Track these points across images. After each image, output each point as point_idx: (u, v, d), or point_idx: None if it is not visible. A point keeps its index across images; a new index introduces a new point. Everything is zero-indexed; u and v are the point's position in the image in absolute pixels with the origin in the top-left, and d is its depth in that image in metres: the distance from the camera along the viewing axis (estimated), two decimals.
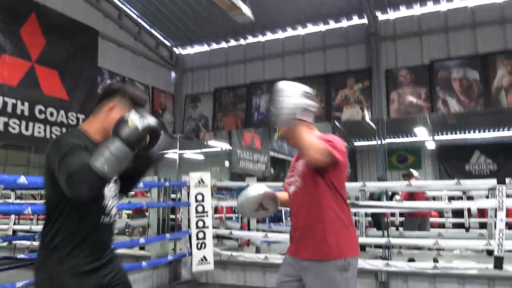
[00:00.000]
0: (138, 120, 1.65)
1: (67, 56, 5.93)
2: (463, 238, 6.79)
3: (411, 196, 6.81)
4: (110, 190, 1.89)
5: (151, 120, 1.70)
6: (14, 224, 8.12)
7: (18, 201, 8.47)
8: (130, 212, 9.05)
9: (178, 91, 8.28)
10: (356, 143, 16.81)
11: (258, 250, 6.95)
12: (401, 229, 7.60)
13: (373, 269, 5.38)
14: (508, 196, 4.78)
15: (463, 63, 6.09)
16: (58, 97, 5.80)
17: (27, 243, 6.71)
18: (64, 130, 5.78)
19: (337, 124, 14.42)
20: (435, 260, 5.21)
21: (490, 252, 5.34)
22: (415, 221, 7.21)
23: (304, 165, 2.28)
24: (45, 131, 5.55)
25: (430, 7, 6.41)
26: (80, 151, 1.67)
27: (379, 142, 6.54)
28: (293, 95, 2.13)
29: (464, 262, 5.16)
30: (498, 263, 4.65)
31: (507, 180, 4.77)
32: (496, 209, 4.76)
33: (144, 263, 5.53)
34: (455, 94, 6.05)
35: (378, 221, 7.88)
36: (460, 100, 6.01)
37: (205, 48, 8.23)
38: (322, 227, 2.18)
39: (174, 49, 8.33)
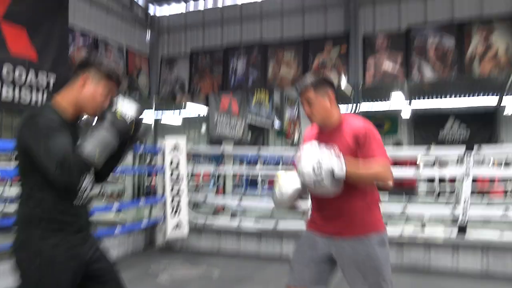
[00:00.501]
0: (126, 112, 1.69)
1: (36, 13, 5.64)
2: (432, 205, 6.95)
3: (396, 164, 6.78)
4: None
5: (137, 111, 1.73)
6: None
7: None
8: None
9: (153, 52, 8.09)
10: None
11: (234, 215, 7.01)
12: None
13: None
14: (478, 162, 4.84)
15: (439, 29, 6.09)
16: (27, 55, 5.58)
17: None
18: (34, 92, 5.61)
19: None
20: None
21: (454, 220, 5.49)
22: (400, 191, 7.15)
23: (340, 147, 2.16)
24: (13, 92, 5.37)
25: None
26: (60, 134, 1.65)
27: (354, 108, 6.58)
28: (316, 158, 2.02)
29: (432, 229, 5.27)
30: (462, 230, 4.79)
31: (475, 147, 4.84)
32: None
33: (117, 230, 5.51)
34: (429, 61, 6.08)
35: None
36: (434, 67, 6.05)
37: (182, 6, 7.98)
38: (357, 206, 2.18)
39: (150, 6, 8.05)
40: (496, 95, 14.14)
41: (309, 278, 2.28)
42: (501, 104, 14.42)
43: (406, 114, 16.23)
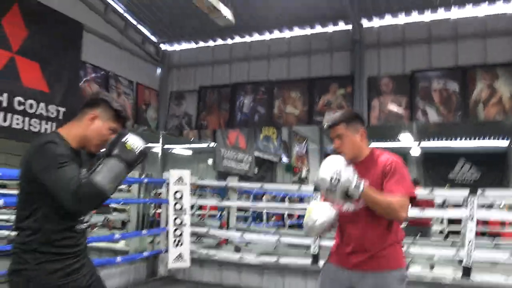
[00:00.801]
0: (136, 145, 1.77)
1: (50, 48, 5.89)
2: (440, 246, 6.83)
3: (415, 203, 6.67)
4: None
5: (143, 144, 1.81)
6: None
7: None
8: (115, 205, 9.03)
9: (163, 87, 8.27)
10: None
11: (237, 250, 6.96)
12: None
13: None
14: (486, 206, 4.80)
15: (444, 74, 6.16)
16: (39, 89, 5.76)
17: (6, 232, 6.67)
18: (43, 122, 5.76)
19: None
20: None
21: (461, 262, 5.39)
22: (417, 230, 7.06)
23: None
24: (23, 122, 5.52)
25: (414, 17, 6.48)
26: (70, 163, 1.70)
27: None
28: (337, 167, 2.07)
29: (437, 270, 5.20)
30: (466, 272, 4.71)
31: (479, 191, 4.83)
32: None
33: (118, 258, 5.53)
34: (434, 105, 6.12)
35: None
36: (439, 111, 6.08)
37: (191, 45, 8.22)
38: (382, 242, 2.21)
39: (161, 45, 8.31)
40: (505, 139, 14.04)
41: None
42: None
43: (415, 155, 16.15)
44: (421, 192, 6.36)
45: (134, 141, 1.76)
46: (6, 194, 6.26)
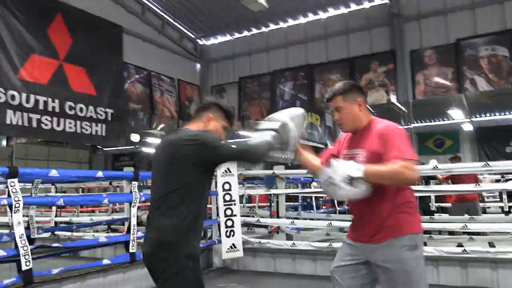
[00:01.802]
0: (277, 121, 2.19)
1: (94, 53, 6.14)
2: (501, 221, 6.52)
3: (454, 179, 6.48)
4: None
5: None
6: (56, 216, 8.51)
7: (59, 194, 8.88)
8: None
9: (203, 82, 8.41)
10: None
11: (289, 238, 6.98)
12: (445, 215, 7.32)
13: None
14: None
15: (491, 40, 5.85)
16: (87, 93, 6.03)
17: (68, 233, 7.06)
18: (93, 124, 6.02)
19: (370, 109, 14.19)
20: (460, 245, 5.06)
21: None
22: (463, 206, 6.84)
23: (365, 156, 2.20)
24: (75, 126, 5.80)
25: None
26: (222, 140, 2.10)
27: (405, 126, 6.42)
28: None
29: (499, 247, 4.97)
30: None
31: None
32: None
33: None
34: (483, 73, 5.83)
35: (425, 206, 7.72)
36: (489, 79, 5.79)
37: (228, 38, 8.29)
38: (385, 210, 2.16)
39: (198, 40, 8.44)
40: None
41: (351, 286, 2.28)
42: None
43: (467, 131, 15.45)
44: (474, 166, 6.10)
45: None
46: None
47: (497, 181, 7.31)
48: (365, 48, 6.82)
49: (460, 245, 5.26)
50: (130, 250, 4.56)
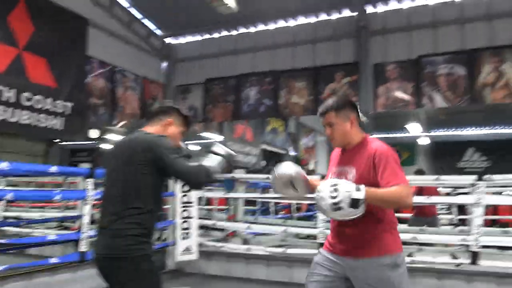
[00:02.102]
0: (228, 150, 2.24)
1: (56, 44, 5.94)
2: (447, 234, 6.76)
3: (419, 192, 6.65)
4: None
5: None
6: (5, 211, 8.14)
7: (9, 188, 8.51)
8: None
9: (169, 81, 8.30)
10: None
11: (245, 242, 6.97)
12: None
13: None
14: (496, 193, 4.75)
15: (450, 58, 6.10)
16: (46, 84, 5.82)
17: (16, 229, 6.77)
18: (51, 117, 5.81)
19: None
20: (410, 255, 5.23)
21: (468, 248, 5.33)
22: (423, 221, 6.99)
23: (354, 175, 2.22)
24: (31, 118, 5.58)
25: (419, 1, 6.41)
26: (179, 153, 2.11)
27: None
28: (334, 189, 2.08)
29: (443, 257, 5.17)
30: (474, 257, 4.67)
31: (486, 176, 4.77)
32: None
33: None
34: (440, 90, 6.07)
35: None
36: (445, 96, 6.03)
37: (196, 38, 8.23)
38: (370, 227, 2.17)
39: (166, 39, 8.33)
40: None
41: None
42: None
43: (423, 144, 16.04)
44: (427, 179, 6.31)
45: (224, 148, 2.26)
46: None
47: (447, 194, 7.59)
48: (331, 58, 6.95)
49: (409, 255, 5.44)
50: (80, 249, 4.43)
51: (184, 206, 5.85)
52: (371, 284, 2.14)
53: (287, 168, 2.34)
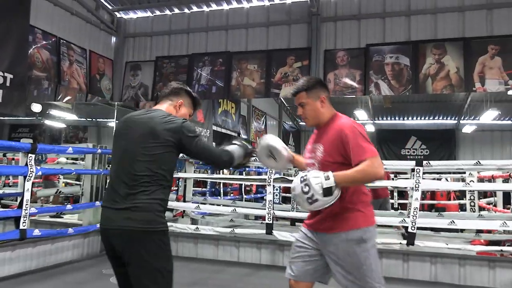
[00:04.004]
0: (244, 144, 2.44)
1: None
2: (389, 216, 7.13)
3: None
4: None
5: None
6: None
7: None
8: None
9: (118, 57, 8.04)
10: (302, 123, 17.18)
11: (194, 222, 6.99)
12: None
13: None
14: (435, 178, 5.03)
15: (396, 49, 6.35)
16: None
17: None
18: None
19: (284, 103, 14.65)
20: None
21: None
22: (378, 202, 7.29)
23: (322, 151, 2.30)
24: None
25: None
26: (202, 137, 2.25)
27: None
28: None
29: (384, 238, 5.44)
30: (411, 238, 4.96)
31: (425, 162, 5.05)
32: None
33: (70, 230, 5.45)
34: (386, 78, 6.31)
35: None
36: (391, 84, 6.28)
37: (148, 14, 8.00)
38: (340, 202, 2.21)
39: (116, 13, 8.04)
40: (453, 118, 14.73)
41: (305, 271, 2.36)
42: (459, 124, 15.01)
43: (370, 131, 16.61)
44: None
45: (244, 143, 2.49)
46: None
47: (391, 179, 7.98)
48: (283, 42, 7.01)
49: None
50: (21, 227, 4.29)
51: None
52: (340, 258, 2.24)
53: (269, 139, 2.51)
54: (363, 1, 6.68)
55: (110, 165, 2.31)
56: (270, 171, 5.37)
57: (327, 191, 2.10)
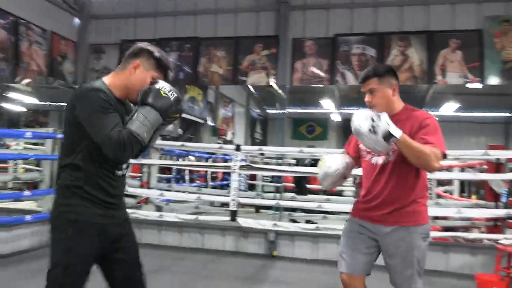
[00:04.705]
0: (168, 90, 1.83)
1: None
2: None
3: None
4: None
5: (177, 93, 1.87)
6: None
7: None
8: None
9: (81, 39, 7.76)
10: (269, 111, 17.24)
11: (158, 209, 6.93)
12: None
13: (263, 229, 5.68)
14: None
15: (363, 40, 6.43)
16: None
17: None
18: None
19: (252, 91, 14.63)
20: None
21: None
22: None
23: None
24: None
25: None
26: (111, 112, 1.79)
27: (281, 110, 6.78)
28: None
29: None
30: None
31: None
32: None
33: (28, 217, 5.30)
34: (352, 69, 6.40)
35: (299, 186, 8.34)
36: (357, 75, 6.37)
37: None
38: (408, 196, 2.22)
39: None
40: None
41: (362, 264, 2.33)
42: None
43: (335, 121, 16.89)
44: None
45: (168, 88, 1.84)
46: None
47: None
48: (251, 30, 6.97)
49: (312, 222, 5.84)
50: None
51: None
52: (401, 250, 2.23)
53: (335, 166, 2.38)
54: None
55: None
56: (235, 158, 5.38)
57: (388, 135, 2.01)
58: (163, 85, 1.87)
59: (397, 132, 2.01)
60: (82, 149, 1.85)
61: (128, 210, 5.41)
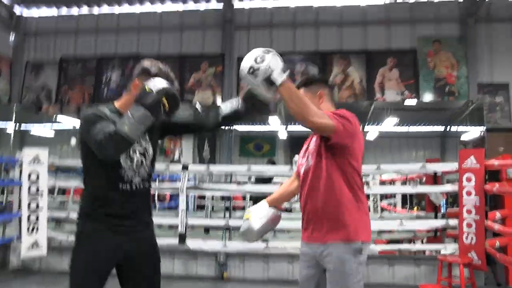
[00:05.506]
0: (152, 85, 1.82)
1: None
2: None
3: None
4: (128, 159, 2.04)
5: (164, 84, 1.83)
6: None
7: None
8: None
9: (17, 56, 7.41)
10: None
11: None
12: None
13: (212, 251, 5.57)
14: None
15: (305, 58, 6.62)
16: None
17: None
18: None
19: (199, 109, 14.53)
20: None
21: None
22: None
23: (314, 145, 2.19)
24: None
25: (281, 2, 6.82)
26: (100, 120, 1.90)
27: (227, 128, 6.77)
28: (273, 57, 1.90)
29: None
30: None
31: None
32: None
33: None
34: None
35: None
36: None
37: (52, 11, 7.49)
38: (336, 209, 2.07)
39: (15, 8, 7.41)
40: (360, 125, 15.68)
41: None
42: (364, 132, 16.04)
43: (282, 138, 17.09)
44: (283, 169, 6.73)
45: (153, 83, 1.83)
46: None
47: None
48: (197, 48, 6.98)
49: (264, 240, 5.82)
50: None
51: (32, 197, 5.33)
52: (332, 266, 2.07)
53: (260, 222, 2.25)
54: (275, 11, 6.88)
55: None
56: (184, 178, 5.28)
57: (269, 81, 1.86)
58: (148, 82, 1.86)
59: (279, 78, 1.86)
60: (89, 168, 2.02)
61: (71, 238, 5.15)
